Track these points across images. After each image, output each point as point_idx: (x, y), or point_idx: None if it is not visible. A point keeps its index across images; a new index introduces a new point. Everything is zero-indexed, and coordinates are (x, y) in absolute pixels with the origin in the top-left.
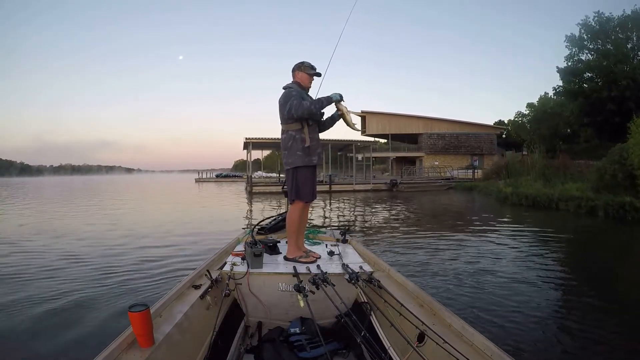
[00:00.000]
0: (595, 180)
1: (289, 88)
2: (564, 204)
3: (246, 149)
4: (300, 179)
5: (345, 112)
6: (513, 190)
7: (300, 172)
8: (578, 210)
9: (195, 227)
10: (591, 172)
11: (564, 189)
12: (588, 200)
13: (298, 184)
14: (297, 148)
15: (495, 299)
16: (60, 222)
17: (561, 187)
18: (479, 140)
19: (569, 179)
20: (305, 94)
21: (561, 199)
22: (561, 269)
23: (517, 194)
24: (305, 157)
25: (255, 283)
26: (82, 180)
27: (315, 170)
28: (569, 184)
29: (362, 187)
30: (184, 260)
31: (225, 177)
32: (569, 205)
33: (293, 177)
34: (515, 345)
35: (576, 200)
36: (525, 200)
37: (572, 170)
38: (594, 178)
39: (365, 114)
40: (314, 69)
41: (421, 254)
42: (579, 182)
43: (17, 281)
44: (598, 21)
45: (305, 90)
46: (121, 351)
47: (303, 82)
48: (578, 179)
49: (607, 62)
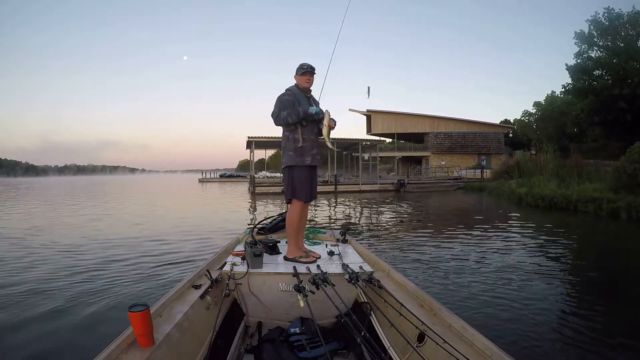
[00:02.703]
0: (613, 180)
1: (287, 91)
2: (583, 205)
3: (249, 148)
4: (296, 178)
5: (325, 127)
6: (527, 190)
7: (294, 171)
8: (598, 212)
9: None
10: (608, 171)
11: (581, 190)
12: (609, 202)
13: (294, 183)
14: (290, 148)
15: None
16: (58, 221)
17: (577, 187)
18: (486, 139)
19: (585, 178)
20: (303, 95)
21: (580, 200)
22: (591, 278)
23: (532, 194)
24: (297, 157)
25: (255, 283)
26: (80, 181)
27: (313, 171)
28: (585, 184)
29: (369, 188)
30: (184, 261)
31: (229, 177)
32: (588, 207)
33: (288, 176)
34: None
35: (596, 202)
36: (541, 201)
37: (587, 170)
38: (611, 178)
39: (370, 113)
40: (303, 68)
41: (444, 263)
42: (595, 182)
43: (16, 281)
44: (608, 17)
45: (304, 91)
46: (121, 351)
47: (299, 83)
48: (594, 178)
49: (618, 59)
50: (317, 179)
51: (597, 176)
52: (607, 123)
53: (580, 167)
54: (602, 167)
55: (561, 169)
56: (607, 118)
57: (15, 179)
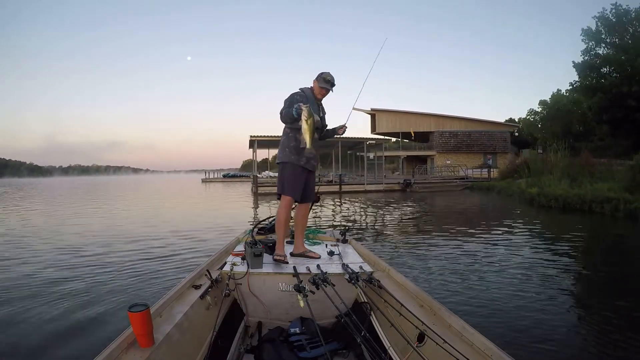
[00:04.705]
0: (627, 180)
1: (300, 91)
2: (599, 205)
3: (252, 147)
4: (287, 174)
5: (304, 127)
6: (539, 191)
7: (287, 168)
8: (615, 213)
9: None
10: (619, 170)
11: (594, 189)
12: (626, 203)
13: (284, 179)
14: (286, 145)
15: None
16: (58, 221)
17: (590, 187)
18: (492, 138)
19: (597, 178)
20: (314, 102)
21: (594, 200)
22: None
23: (544, 194)
24: (292, 156)
25: (255, 283)
26: (77, 182)
27: (308, 174)
28: (598, 183)
29: (374, 188)
30: (184, 261)
31: (233, 177)
32: (604, 208)
33: (282, 172)
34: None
35: (612, 202)
36: (554, 202)
37: (599, 169)
38: (625, 177)
39: (374, 112)
40: (327, 83)
41: (455, 264)
42: (608, 181)
43: (15, 280)
44: (615, 14)
45: (316, 99)
46: (121, 351)
47: (314, 90)
48: (606, 178)
49: (626, 56)
50: (315, 181)
51: (609, 175)
52: (615, 121)
53: (591, 166)
54: (613, 166)
55: (571, 168)
56: (615, 116)
57: (20, 180)
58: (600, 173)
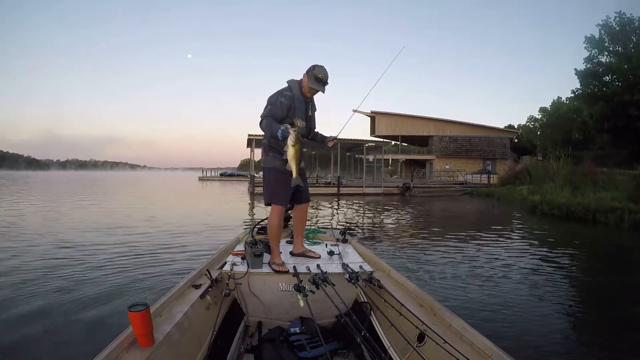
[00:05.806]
0: (632, 189)
1: (287, 88)
2: (603, 215)
3: (249, 146)
4: (273, 182)
5: (290, 153)
6: (542, 198)
7: (272, 174)
8: (620, 223)
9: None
10: (622, 180)
11: (598, 198)
12: (631, 213)
13: (271, 185)
14: (270, 149)
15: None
16: (55, 218)
17: (593, 195)
18: (491, 144)
19: (600, 187)
20: (302, 99)
21: (599, 209)
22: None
23: (547, 202)
24: (277, 161)
25: (255, 283)
26: (71, 177)
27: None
28: (601, 192)
29: (373, 191)
30: (183, 261)
31: (230, 176)
32: (608, 218)
33: (267, 178)
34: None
35: (617, 212)
36: (557, 210)
37: (602, 178)
38: (629, 187)
39: (374, 114)
40: (319, 82)
41: (457, 269)
42: (611, 190)
43: (15, 279)
44: (619, 22)
45: (305, 96)
46: (121, 351)
47: (304, 88)
48: (608, 187)
49: (629, 64)
50: (307, 181)
51: (612, 184)
52: (616, 130)
53: (593, 174)
54: (615, 175)
55: (574, 176)
56: (617, 125)
57: (17, 172)
58: (603, 182)
